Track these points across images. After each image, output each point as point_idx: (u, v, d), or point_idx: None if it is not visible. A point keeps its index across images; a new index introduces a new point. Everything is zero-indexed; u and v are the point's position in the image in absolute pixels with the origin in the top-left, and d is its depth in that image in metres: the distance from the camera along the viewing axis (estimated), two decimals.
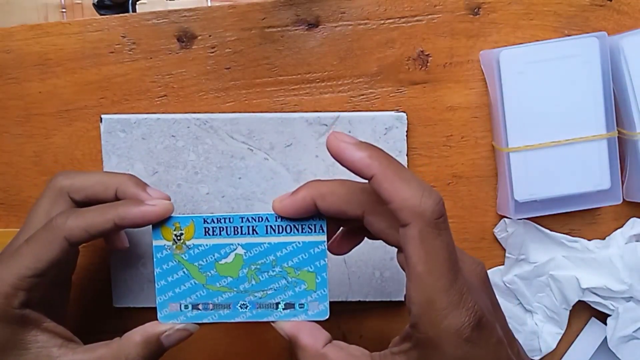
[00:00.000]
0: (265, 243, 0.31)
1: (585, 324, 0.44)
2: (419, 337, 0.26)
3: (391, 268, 0.41)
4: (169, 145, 0.40)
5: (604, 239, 0.43)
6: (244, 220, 0.31)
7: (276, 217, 0.31)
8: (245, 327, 0.43)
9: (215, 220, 0.31)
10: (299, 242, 0.31)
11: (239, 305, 0.32)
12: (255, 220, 0.31)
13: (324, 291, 0.32)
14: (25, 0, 1.09)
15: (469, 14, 0.42)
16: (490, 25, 0.42)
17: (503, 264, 0.43)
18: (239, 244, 0.31)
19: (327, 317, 0.32)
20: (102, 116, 0.40)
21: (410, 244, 0.26)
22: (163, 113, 0.41)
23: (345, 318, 0.43)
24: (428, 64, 0.42)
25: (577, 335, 0.44)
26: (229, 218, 0.31)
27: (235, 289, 0.32)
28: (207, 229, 0.31)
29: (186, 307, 0.32)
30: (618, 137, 0.40)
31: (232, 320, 0.32)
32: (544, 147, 0.40)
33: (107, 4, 0.52)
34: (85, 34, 0.41)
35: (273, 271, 0.32)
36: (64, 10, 1.13)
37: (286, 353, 0.43)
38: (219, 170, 0.41)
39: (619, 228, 0.43)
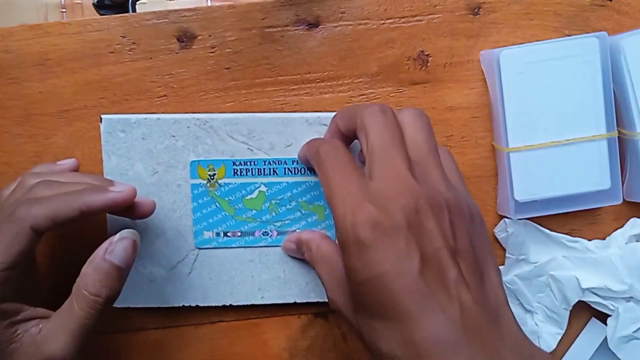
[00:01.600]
0: (283, 182, 0.38)
1: (586, 324, 0.44)
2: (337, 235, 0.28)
3: None
4: (169, 145, 0.40)
5: (604, 239, 0.43)
6: (266, 163, 0.38)
7: (293, 160, 0.38)
8: (245, 327, 0.43)
9: (243, 163, 0.38)
10: (311, 182, 0.38)
11: (261, 232, 0.39)
12: (275, 163, 0.38)
13: (331, 222, 0.39)
14: (25, 0, 1.09)
15: (469, 14, 0.42)
16: (490, 25, 0.42)
17: (503, 264, 0.43)
18: (262, 183, 0.38)
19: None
20: (102, 116, 0.40)
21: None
22: (163, 113, 0.41)
23: None
24: (428, 64, 0.42)
25: (577, 336, 0.44)
26: (254, 161, 0.38)
27: (258, 220, 0.39)
28: (235, 170, 0.38)
29: (217, 234, 0.39)
30: (618, 137, 0.40)
31: (257, 245, 0.39)
32: (544, 147, 0.40)
33: (107, 3, 0.52)
34: (85, 34, 0.41)
35: (290, 205, 0.38)
36: (63, 10, 1.13)
37: (286, 353, 0.43)
38: None
39: (619, 228, 0.43)
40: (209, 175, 0.38)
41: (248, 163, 0.38)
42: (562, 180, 0.40)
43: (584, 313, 0.43)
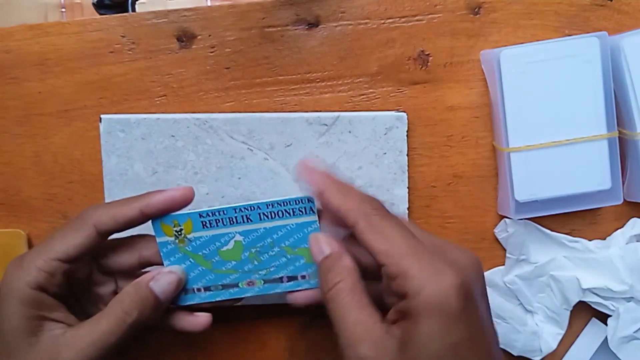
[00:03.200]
0: (260, 228, 0.33)
1: (586, 325, 0.44)
2: (403, 307, 0.27)
3: None
4: (168, 145, 0.40)
5: (604, 239, 0.43)
6: (237, 210, 0.33)
7: (267, 204, 0.33)
8: (245, 327, 0.43)
9: (211, 214, 0.33)
10: (292, 224, 0.33)
11: (246, 283, 0.35)
12: (247, 210, 0.33)
13: None
14: (25, 0, 1.09)
15: (469, 13, 0.42)
16: (490, 24, 0.42)
17: (504, 264, 0.43)
18: (236, 232, 0.33)
19: None
20: (102, 116, 0.40)
21: (364, 236, 0.29)
22: (163, 113, 0.41)
23: None
24: (428, 63, 0.42)
25: (578, 336, 0.44)
26: (223, 210, 0.33)
27: (240, 270, 0.34)
28: (204, 222, 0.33)
29: (199, 289, 0.35)
30: (619, 137, 0.40)
31: (244, 296, 0.35)
32: (544, 147, 0.39)
33: (106, 3, 0.52)
34: (84, 33, 0.41)
35: (272, 251, 0.34)
36: (63, 10, 1.13)
37: (286, 353, 0.43)
38: (219, 171, 0.41)
39: (620, 228, 0.43)
40: (176, 231, 0.33)
41: (217, 213, 0.33)
42: (562, 181, 0.40)
43: (585, 313, 0.43)
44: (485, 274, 0.43)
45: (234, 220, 0.33)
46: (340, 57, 0.42)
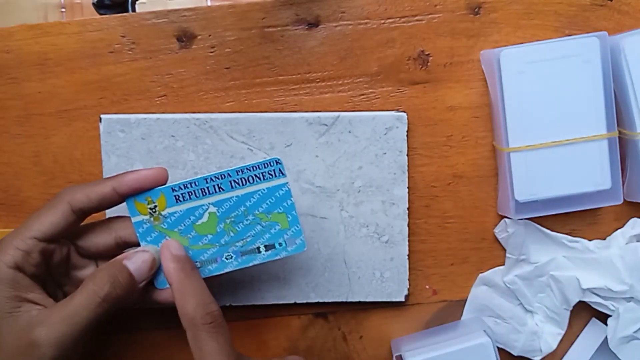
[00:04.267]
0: (233, 197, 0.34)
1: (586, 325, 0.44)
2: None
3: (391, 269, 0.41)
4: (168, 145, 0.40)
5: (604, 239, 0.43)
6: (209, 180, 0.33)
7: (237, 170, 0.33)
8: (245, 327, 0.43)
9: (183, 187, 0.34)
10: (263, 189, 0.34)
11: (224, 257, 0.35)
12: (218, 179, 0.34)
13: (297, 227, 0.35)
14: (25, 0, 1.09)
15: (469, 13, 0.42)
16: (490, 25, 0.42)
17: (504, 264, 0.43)
18: (209, 203, 0.34)
19: (306, 248, 0.35)
20: (102, 116, 0.40)
21: (189, 343, 0.31)
22: (163, 113, 0.41)
23: (345, 318, 0.43)
24: (428, 63, 0.42)
25: (578, 336, 0.44)
26: (195, 182, 0.33)
27: (217, 244, 0.35)
28: (177, 197, 0.34)
29: None
30: (619, 137, 0.40)
31: (222, 272, 0.35)
32: (544, 147, 0.39)
33: (106, 3, 0.52)
34: (84, 33, 0.41)
35: (247, 220, 0.34)
36: (63, 9, 1.13)
37: (286, 353, 0.43)
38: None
39: (620, 228, 0.43)
40: (150, 209, 0.34)
41: (189, 185, 0.33)
42: (562, 181, 0.40)
43: (585, 313, 0.43)
44: (486, 274, 0.43)
45: (207, 190, 0.33)
46: (340, 57, 0.42)
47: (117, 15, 0.41)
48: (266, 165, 0.33)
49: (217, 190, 0.34)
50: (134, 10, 0.52)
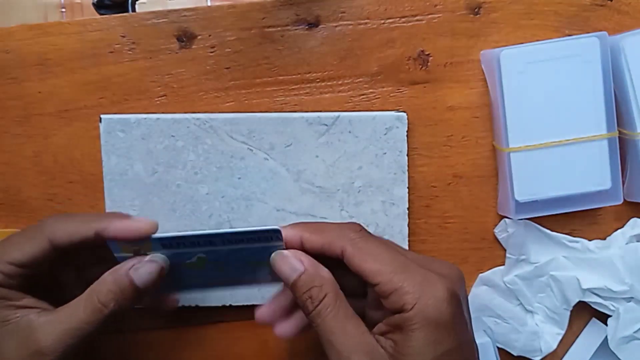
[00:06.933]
0: (224, 249, 0.32)
1: (586, 325, 0.44)
2: (396, 320, 0.28)
3: None
4: (168, 145, 0.40)
5: (604, 239, 0.43)
6: (200, 236, 0.31)
7: (232, 233, 0.31)
8: (245, 327, 0.43)
9: (171, 239, 0.31)
10: (257, 247, 0.32)
11: (207, 283, 0.34)
12: (210, 237, 0.31)
13: None
14: (25, 0, 1.09)
15: (469, 13, 0.42)
16: (490, 25, 0.42)
17: (504, 264, 0.43)
18: (200, 251, 0.32)
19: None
20: (102, 116, 0.40)
21: (353, 260, 0.29)
22: (163, 113, 0.41)
23: None
24: (428, 63, 0.42)
25: (578, 336, 0.44)
26: (184, 237, 0.31)
27: (203, 276, 0.34)
28: (164, 244, 0.31)
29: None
30: (619, 137, 0.40)
31: (203, 292, 0.34)
32: (544, 147, 0.39)
33: (106, 3, 0.52)
34: (84, 33, 0.41)
35: (237, 264, 0.33)
36: (63, 10, 1.13)
37: (286, 354, 0.43)
38: (219, 171, 0.41)
39: (620, 228, 0.43)
40: (135, 250, 0.32)
41: (178, 239, 0.31)
42: (562, 181, 0.40)
43: (585, 313, 0.43)
44: (486, 274, 0.43)
45: (197, 243, 0.31)
46: (340, 57, 0.42)
47: (117, 15, 0.41)
48: (263, 232, 0.31)
49: (208, 244, 0.31)
50: (134, 10, 0.52)
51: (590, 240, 0.43)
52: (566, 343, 0.44)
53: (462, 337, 0.28)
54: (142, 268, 0.31)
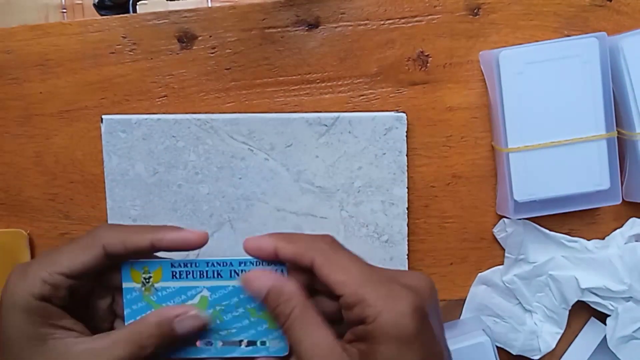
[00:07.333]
0: (229, 286, 0.33)
1: (585, 324, 0.44)
2: (360, 331, 0.28)
3: (391, 268, 0.41)
4: (169, 145, 0.40)
5: (603, 239, 0.43)
6: (209, 264, 0.33)
7: (240, 262, 0.32)
8: None
9: (182, 265, 0.33)
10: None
11: (204, 342, 0.33)
12: (219, 265, 0.33)
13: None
14: (26, 0, 1.09)
15: (468, 14, 0.42)
16: (489, 25, 0.42)
17: (502, 264, 0.43)
18: (204, 287, 0.33)
19: (287, 352, 0.33)
20: (103, 116, 0.40)
21: (322, 270, 0.30)
22: (164, 113, 0.41)
23: None
24: (428, 64, 0.42)
25: (577, 335, 0.44)
26: (195, 263, 0.32)
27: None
28: (174, 273, 0.33)
29: None
30: (617, 137, 0.40)
31: (199, 357, 0.33)
32: (543, 148, 0.40)
33: (107, 4, 0.52)
34: (85, 34, 0.41)
35: (237, 312, 0.33)
36: (64, 10, 1.13)
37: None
38: (220, 171, 0.41)
39: (619, 228, 0.43)
40: (144, 278, 0.33)
41: (189, 265, 0.32)
42: (561, 181, 0.40)
43: (583, 313, 0.43)
44: (484, 273, 0.43)
45: (204, 274, 0.33)
46: (340, 58, 0.42)
47: (118, 16, 0.42)
48: (269, 265, 0.32)
49: (215, 276, 0.33)
50: (135, 11, 0.52)
51: (589, 240, 0.43)
52: (565, 342, 0.44)
53: (428, 350, 0.28)
54: (188, 321, 0.32)
